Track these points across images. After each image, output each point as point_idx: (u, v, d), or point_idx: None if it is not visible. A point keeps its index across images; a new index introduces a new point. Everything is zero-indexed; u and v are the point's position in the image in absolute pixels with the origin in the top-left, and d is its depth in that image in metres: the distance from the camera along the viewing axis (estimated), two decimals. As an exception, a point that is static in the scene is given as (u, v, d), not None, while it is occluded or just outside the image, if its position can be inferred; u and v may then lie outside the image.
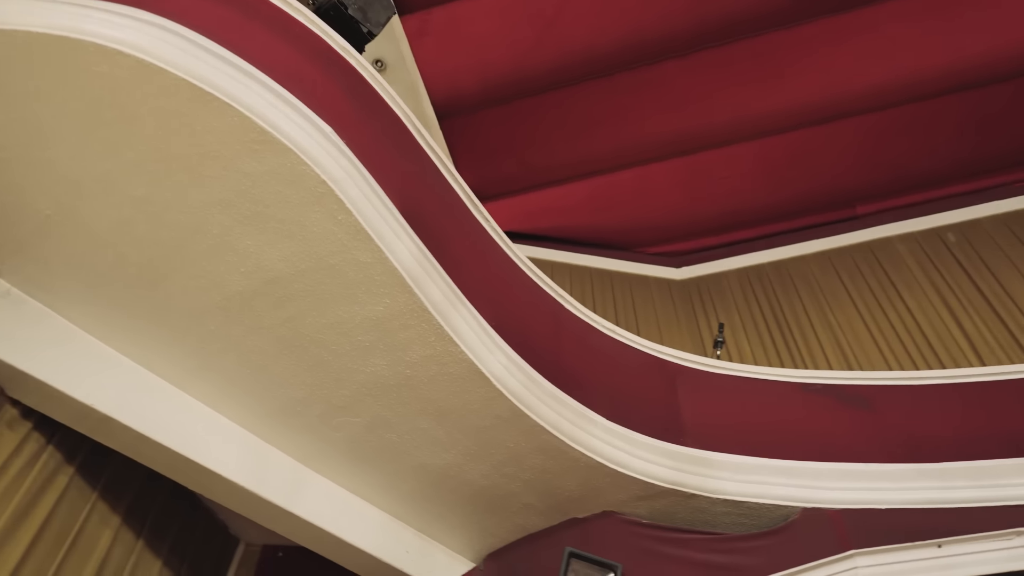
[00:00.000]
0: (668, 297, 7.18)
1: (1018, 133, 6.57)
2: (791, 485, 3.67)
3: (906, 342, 6.05)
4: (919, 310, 6.23)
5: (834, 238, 7.14)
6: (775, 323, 6.61)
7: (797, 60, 6.47)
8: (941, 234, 6.81)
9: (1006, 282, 6.19)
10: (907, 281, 6.51)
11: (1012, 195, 6.81)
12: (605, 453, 3.45)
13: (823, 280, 6.84)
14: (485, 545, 3.82)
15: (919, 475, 3.75)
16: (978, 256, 6.50)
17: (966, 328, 5.99)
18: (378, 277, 2.84)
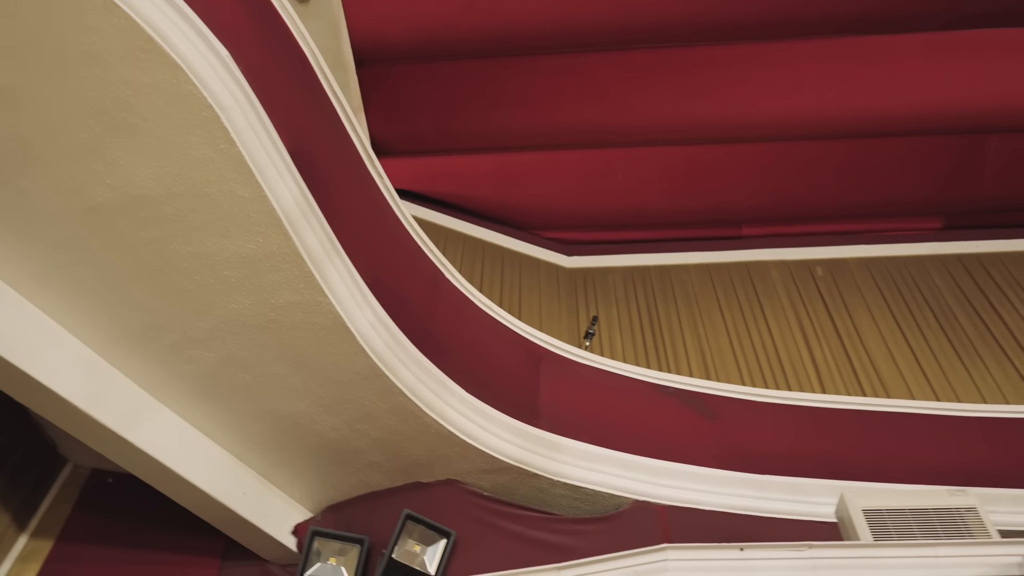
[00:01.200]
0: (555, 283, 7.34)
1: (891, 186, 7.10)
2: (628, 478, 3.88)
3: (761, 362, 6.46)
4: (778, 334, 6.66)
5: (717, 253, 7.50)
6: (649, 325, 6.89)
7: (714, 78, 6.72)
8: (811, 267, 7.30)
9: (858, 321, 6.71)
10: (773, 305, 6.95)
11: (878, 242, 7.37)
12: (458, 424, 3.52)
13: (700, 291, 7.18)
14: (326, 497, 3.83)
15: (744, 484, 4.05)
16: (839, 292, 7.00)
17: (816, 357, 6.45)
18: (254, 214, 2.76)
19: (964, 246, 7.23)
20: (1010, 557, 2.64)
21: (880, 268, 7.19)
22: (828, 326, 6.71)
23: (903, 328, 6.59)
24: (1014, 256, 7.11)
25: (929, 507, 3.19)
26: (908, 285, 6.99)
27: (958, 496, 3.22)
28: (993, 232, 7.32)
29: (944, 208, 7.36)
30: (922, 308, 6.76)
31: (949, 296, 6.84)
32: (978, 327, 6.54)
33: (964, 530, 3.10)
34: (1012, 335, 6.40)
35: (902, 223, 7.45)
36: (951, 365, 6.26)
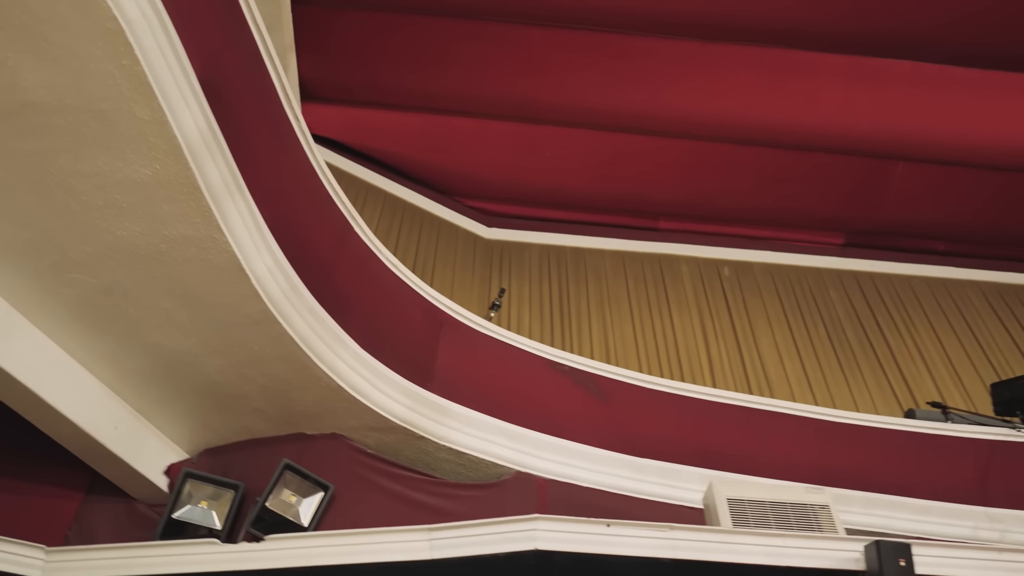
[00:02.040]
0: (471, 252, 7.34)
1: (802, 198, 7.41)
2: (513, 448, 3.94)
3: (660, 352, 6.68)
4: (680, 327, 6.89)
5: (633, 242, 7.66)
6: (559, 304, 7.00)
7: (651, 70, 6.80)
8: (720, 266, 7.56)
9: (755, 323, 7.01)
10: (679, 299, 7.17)
11: (784, 250, 7.69)
12: (349, 379, 3.49)
13: (611, 277, 7.33)
14: (204, 440, 3.74)
15: (623, 465, 4.19)
16: (742, 294, 7.29)
17: (711, 353, 6.72)
18: (153, 139, 2.63)
19: (861, 264, 7.63)
20: (850, 553, 2.85)
21: (782, 276, 7.51)
22: (727, 325, 6.97)
23: (795, 335, 6.92)
24: (904, 279, 7.56)
25: (787, 501, 3.39)
26: (805, 295, 7.33)
27: (814, 494, 3.43)
28: (889, 254, 7.76)
29: (847, 226, 7.74)
30: (815, 318, 7.11)
31: (841, 310, 7.22)
32: (862, 342, 6.93)
33: (815, 525, 3.31)
34: (892, 353, 6.82)
35: (807, 235, 7.79)
36: (833, 374, 6.63)
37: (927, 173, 7.16)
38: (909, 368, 6.64)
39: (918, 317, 7.09)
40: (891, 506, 4.26)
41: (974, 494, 4.32)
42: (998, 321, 7.11)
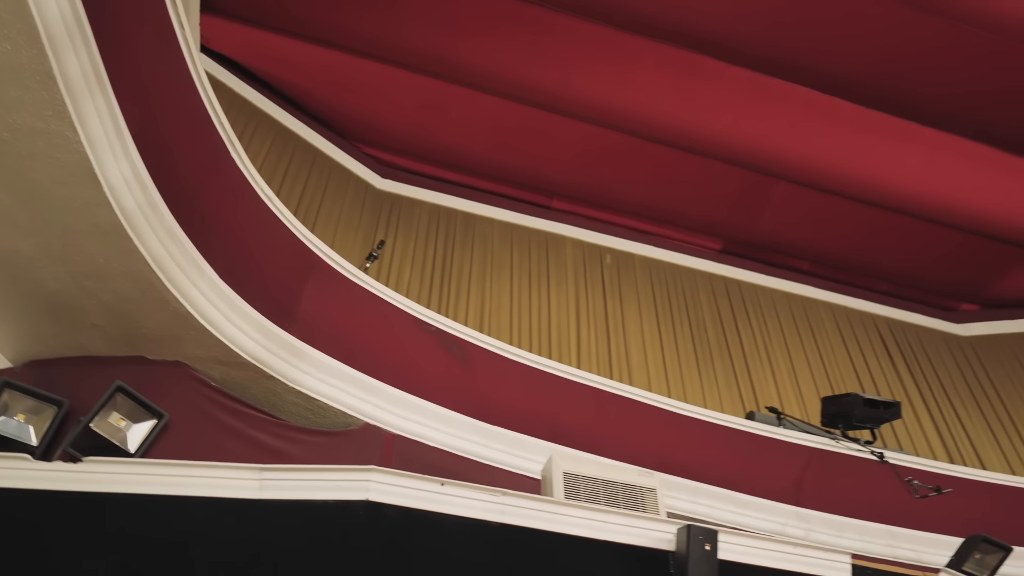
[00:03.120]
0: (361, 200, 7.17)
1: (689, 200, 7.70)
2: (366, 400, 3.93)
3: (533, 327, 6.80)
4: (556, 306, 7.04)
5: (524, 217, 7.72)
6: (441, 267, 6.97)
7: (568, 49, 6.80)
8: (603, 253, 7.76)
9: (627, 312, 7.26)
10: (559, 279, 7.31)
11: (665, 247, 7.99)
12: (202, 308, 3.35)
13: (498, 248, 7.38)
14: (33, 350, 3.49)
15: (474, 430, 4.27)
16: (619, 283, 7.52)
17: (581, 335, 6.91)
18: (6, 15, 2.39)
19: (732, 271, 8.03)
20: (664, 534, 3.03)
21: (659, 271, 7.80)
22: (600, 310, 7.18)
23: (661, 328, 7.23)
24: (768, 291, 8.03)
25: (619, 481, 3.55)
26: (677, 292, 7.65)
27: (645, 477, 3.62)
28: (758, 266, 8.20)
29: (726, 233, 8.11)
30: (682, 315, 7.44)
31: (707, 311, 7.59)
32: (721, 344, 7.33)
33: (640, 506, 3.49)
34: (744, 358, 7.25)
35: (689, 236, 8.11)
36: (689, 370, 6.99)
37: (805, 196, 7.58)
38: (757, 374, 7.08)
39: (773, 328, 7.56)
40: (716, 497, 4.56)
41: (789, 494, 4.69)
42: (841, 342, 7.69)
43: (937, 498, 4.36)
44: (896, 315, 8.19)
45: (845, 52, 6.53)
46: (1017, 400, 7.58)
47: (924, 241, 7.82)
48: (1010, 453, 7.11)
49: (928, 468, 4.84)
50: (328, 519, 2.84)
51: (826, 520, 4.60)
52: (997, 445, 7.19)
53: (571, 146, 7.32)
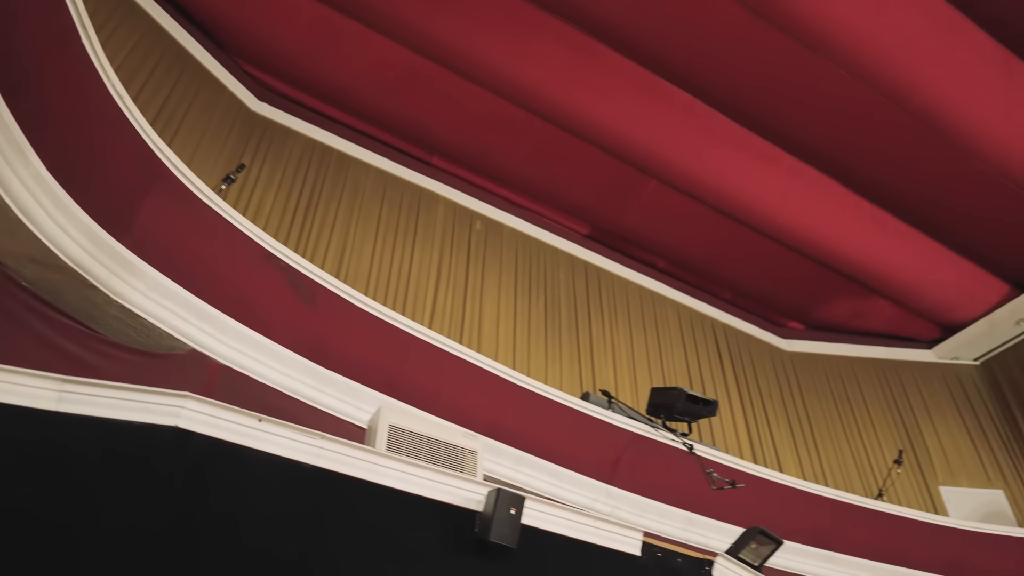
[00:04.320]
0: (232, 119, 6.78)
1: (565, 180, 7.87)
2: (196, 326, 3.75)
3: (391, 281, 6.73)
4: (418, 263, 7.00)
5: (402, 168, 7.60)
6: (307, 204, 6.74)
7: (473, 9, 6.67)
8: (474, 218, 7.79)
9: (487, 280, 7.33)
10: (426, 237, 7.27)
11: (535, 222, 8.13)
12: (21, 200, 3.06)
13: (369, 195, 7.23)
14: None
15: (308, 372, 4.19)
16: (484, 250, 7.58)
17: (438, 296, 6.93)
18: None
19: (593, 257, 8.31)
20: (474, 495, 3.12)
21: (525, 245, 7.94)
22: (461, 274, 7.23)
23: (517, 301, 7.38)
24: (623, 281, 8.37)
25: (443, 440, 3.62)
26: (538, 269, 7.82)
27: (469, 440, 3.71)
28: (619, 256, 8.53)
29: (594, 220, 8.37)
30: (539, 292, 7.63)
31: (563, 292, 7.82)
32: (571, 325, 7.59)
33: (459, 466, 3.58)
34: (591, 342, 7.54)
35: (559, 217, 8.30)
36: (537, 345, 7.19)
37: (671, 198, 7.93)
38: (600, 357, 7.40)
39: (622, 317, 7.91)
40: (537, 467, 4.74)
41: (605, 473, 4.96)
42: (680, 339, 8.18)
43: (732, 491, 4.77)
44: (732, 322, 8.79)
45: (728, 68, 6.83)
46: (820, 415, 8.39)
47: (768, 259, 8.42)
48: (805, 461, 7.88)
49: (731, 464, 5.26)
50: (133, 443, 2.71)
51: (633, 500, 4.91)
52: (796, 452, 7.94)
53: (460, 106, 7.25)
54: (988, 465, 8.14)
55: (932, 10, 6.24)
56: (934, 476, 8.02)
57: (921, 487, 7.93)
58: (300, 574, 2.66)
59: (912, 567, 5.68)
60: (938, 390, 8.77)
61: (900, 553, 5.66)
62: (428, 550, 2.94)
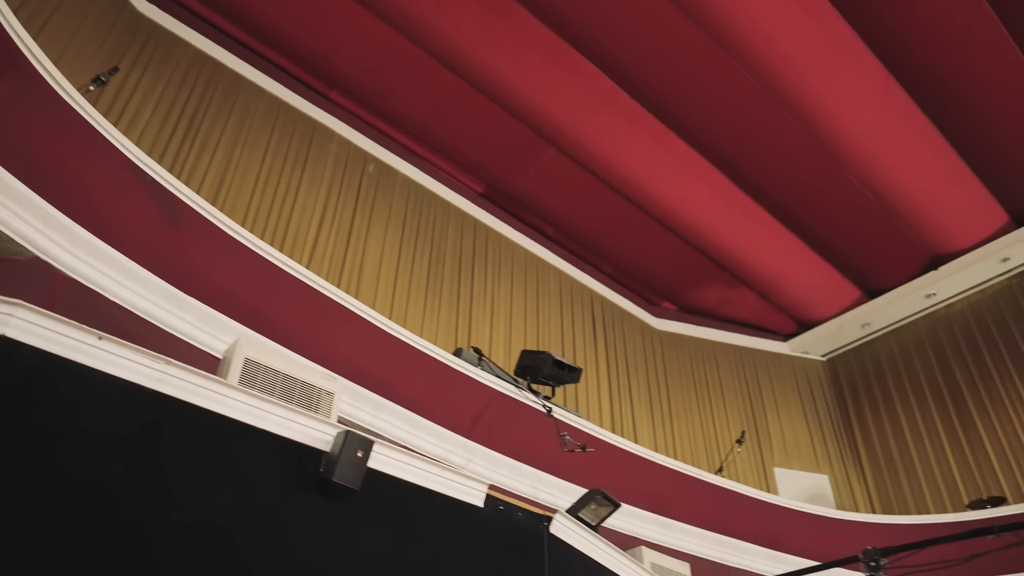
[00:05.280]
0: (113, 16, 6.25)
1: (465, 135, 7.81)
2: (43, 233, 3.50)
3: (273, 213, 6.49)
4: (303, 199, 6.77)
5: (299, 99, 7.30)
6: (189, 121, 6.37)
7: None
8: (369, 160, 7.61)
9: (373, 226, 7.21)
10: (315, 172, 7.03)
11: (430, 173, 8.04)
12: None
13: (260, 121, 6.90)
14: None
15: (166, 295, 4.01)
16: (375, 195, 7.42)
17: (321, 234, 6.75)
18: None
19: (484, 216, 8.33)
20: (324, 436, 3.11)
21: (418, 195, 7.85)
22: (348, 215, 7.07)
23: (402, 251, 7.31)
24: (511, 243, 8.44)
25: (300, 379, 3.57)
26: (427, 220, 7.76)
27: (328, 381, 3.67)
28: (509, 219, 8.59)
29: (489, 179, 8.38)
30: (426, 244, 7.58)
31: (450, 247, 7.81)
32: (454, 281, 7.60)
33: (314, 406, 3.55)
34: (471, 300, 7.59)
35: (455, 171, 8.25)
36: (417, 297, 7.16)
37: (567, 168, 8.04)
38: (478, 316, 7.48)
39: (504, 279, 8.01)
40: (397, 415, 4.77)
41: (464, 427, 5.06)
42: (559, 306, 8.39)
43: (582, 455, 4.98)
44: (610, 296, 9.09)
45: (638, 49, 6.94)
46: (679, 392, 8.86)
47: (651, 239, 8.72)
48: (659, 433, 8.32)
49: (585, 429, 5.49)
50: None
51: (488, 455, 5.04)
52: (652, 425, 8.36)
53: (368, 43, 7.02)
54: (819, 452, 8.89)
55: (829, 24, 6.56)
56: (771, 458, 8.68)
57: (759, 467, 8.56)
58: (126, 497, 2.58)
59: (738, 537, 6.15)
60: (786, 380, 9.44)
61: (729, 524, 6.12)
62: (267, 484, 2.91)
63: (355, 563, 2.90)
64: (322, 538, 2.87)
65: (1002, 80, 6.91)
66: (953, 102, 7.16)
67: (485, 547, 3.38)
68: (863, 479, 8.79)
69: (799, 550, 6.11)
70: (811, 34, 6.53)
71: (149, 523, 2.52)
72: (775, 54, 6.62)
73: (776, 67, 6.66)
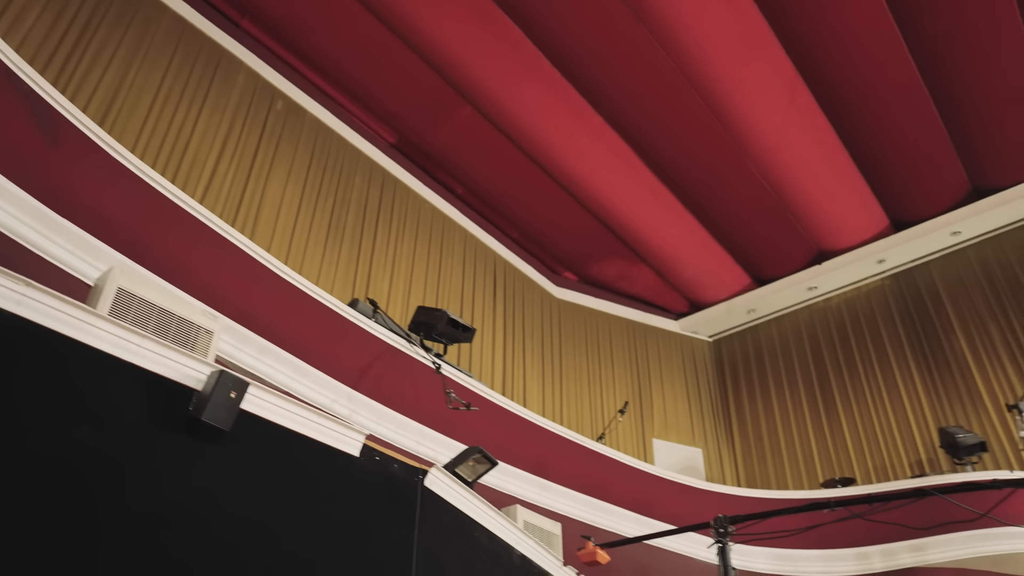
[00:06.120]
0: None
1: (384, 83, 7.61)
2: None
3: (167, 142, 6.16)
4: (203, 127, 6.45)
5: (207, 23, 6.91)
6: (81, 31, 5.91)
7: None
8: (277, 96, 7.31)
9: (276, 166, 6.96)
10: (217, 104, 6.70)
11: (341, 118, 7.81)
12: None
13: (161, 42, 6.49)
14: None
15: (36, 213, 3.76)
16: (281, 133, 7.16)
17: (219, 168, 6.46)
18: None
19: (395, 168, 8.19)
20: (197, 374, 3.01)
21: (326, 138, 7.62)
22: (249, 152, 6.79)
23: (305, 195, 7.10)
24: (419, 198, 8.33)
25: (177, 314, 3.44)
26: (335, 166, 7.57)
27: (208, 319, 3.55)
28: (420, 173, 8.48)
29: (403, 131, 8.22)
30: (331, 190, 7.39)
31: (356, 196, 7.64)
32: (356, 230, 7.44)
33: (191, 344, 3.43)
34: (373, 251, 7.48)
35: (368, 119, 8.05)
36: (316, 242, 6.99)
37: (483, 129, 7.99)
38: (378, 268, 7.39)
39: (409, 233, 7.94)
40: (282, 360, 4.67)
41: (352, 378, 5.01)
42: (461, 266, 8.40)
43: (467, 413, 5.05)
44: (513, 260, 9.17)
45: (563, 18, 6.91)
46: (571, 360, 9.09)
47: (559, 209, 8.83)
48: (548, 398, 8.53)
49: (473, 388, 5.56)
50: None
51: (373, 407, 5.02)
52: (542, 390, 8.56)
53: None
54: (696, 427, 9.36)
55: (748, 19, 6.74)
56: (652, 429, 9.08)
57: (639, 436, 8.94)
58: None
59: (611, 502, 6.41)
60: (673, 357, 9.85)
61: (604, 488, 6.37)
62: (131, 420, 2.81)
63: (220, 506, 2.86)
64: (186, 478, 2.81)
65: (896, 94, 7.32)
66: (852, 108, 7.54)
67: (358, 496, 3.39)
68: (733, 455, 9.34)
69: (666, 516, 6.45)
70: (730, 25, 6.70)
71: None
72: (693, 40, 6.76)
73: (693, 53, 6.81)
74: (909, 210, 8.64)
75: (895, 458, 8.02)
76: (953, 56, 7.03)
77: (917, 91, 7.28)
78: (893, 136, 7.77)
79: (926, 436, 7.91)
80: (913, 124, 7.62)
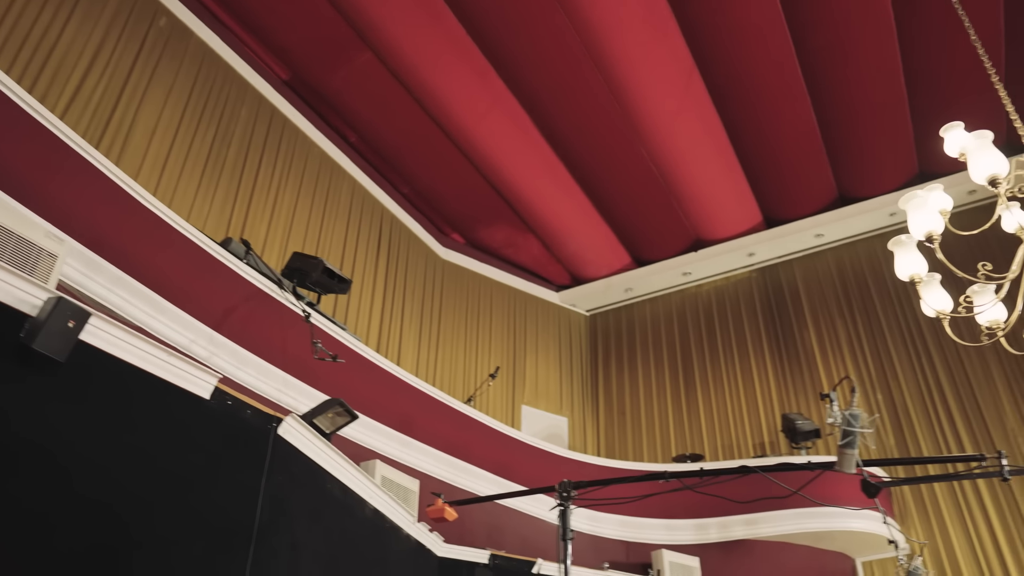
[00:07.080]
0: None
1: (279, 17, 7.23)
2: None
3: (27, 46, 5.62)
4: (71, 35, 5.93)
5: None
6: None
7: None
8: (161, 14, 6.80)
9: (154, 85, 6.50)
10: (92, 9, 6.15)
11: (232, 47, 7.37)
12: None
13: None
14: None
15: None
16: (163, 52, 6.67)
17: (88, 81, 5.98)
18: None
19: (285, 106, 7.83)
20: (34, 299, 2.79)
21: (212, 64, 7.18)
22: (124, 71, 6.31)
23: (183, 124, 6.68)
24: (308, 141, 8.02)
25: (17, 232, 3.13)
26: (219, 97, 7.15)
27: (53, 242, 3.29)
28: (314, 117, 8.17)
29: (298, 69, 7.87)
30: (213, 122, 6.98)
31: (240, 130, 7.24)
32: (237, 165, 7.08)
33: (30, 266, 3.17)
34: (253, 188, 7.16)
35: (261, 51, 7.64)
36: (192, 175, 6.61)
37: (382, 77, 7.76)
38: (258, 208, 7.09)
39: (295, 176, 7.64)
40: (136, 293, 4.40)
41: (214, 319, 4.81)
42: (347, 215, 8.20)
43: (333, 364, 4.97)
44: (402, 216, 9.05)
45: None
46: (450, 322, 9.12)
47: (452, 169, 8.76)
48: (423, 358, 8.54)
49: (342, 340, 5.47)
50: None
51: (235, 352, 4.85)
52: (418, 349, 8.55)
53: None
54: (564, 397, 9.65)
55: (653, 1, 6.85)
56: (522, 395, 9.28)
57: (509, 402, 9.12)
58: None
59: (472, 463, 6.53)
60: (550, 328, 10.08)
61: (466, 449, 6.47)
62: (-52, 342, 2.58)
63: (50, 441, 2.68)
64: (12, 410, 2.62)
65: (781, 96, 7.70)
66: (740, 105, 7.87)
67: (205, 440, 3.28)
68: (597, 425, 9.72)
69: (524, 480, 6.64)
70: (635, 5, 6.79)
71: None
72: (599, 17, 6.81)
73: (597, 29, 6.87)
74: (781, 209, 9.17)
75: (741, 439, 8.60)
76: (835, 68, 7.46)
77: (800, 97, 7.69)
78: (775, 137, 8.19)
79: (771, 420, 8.52)
80: (793, 128, 8.05)
